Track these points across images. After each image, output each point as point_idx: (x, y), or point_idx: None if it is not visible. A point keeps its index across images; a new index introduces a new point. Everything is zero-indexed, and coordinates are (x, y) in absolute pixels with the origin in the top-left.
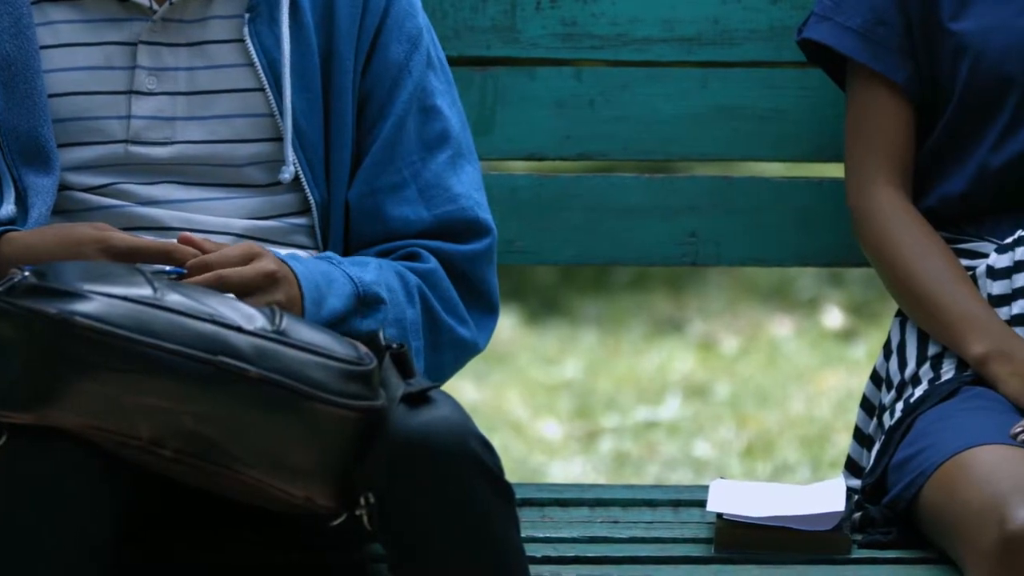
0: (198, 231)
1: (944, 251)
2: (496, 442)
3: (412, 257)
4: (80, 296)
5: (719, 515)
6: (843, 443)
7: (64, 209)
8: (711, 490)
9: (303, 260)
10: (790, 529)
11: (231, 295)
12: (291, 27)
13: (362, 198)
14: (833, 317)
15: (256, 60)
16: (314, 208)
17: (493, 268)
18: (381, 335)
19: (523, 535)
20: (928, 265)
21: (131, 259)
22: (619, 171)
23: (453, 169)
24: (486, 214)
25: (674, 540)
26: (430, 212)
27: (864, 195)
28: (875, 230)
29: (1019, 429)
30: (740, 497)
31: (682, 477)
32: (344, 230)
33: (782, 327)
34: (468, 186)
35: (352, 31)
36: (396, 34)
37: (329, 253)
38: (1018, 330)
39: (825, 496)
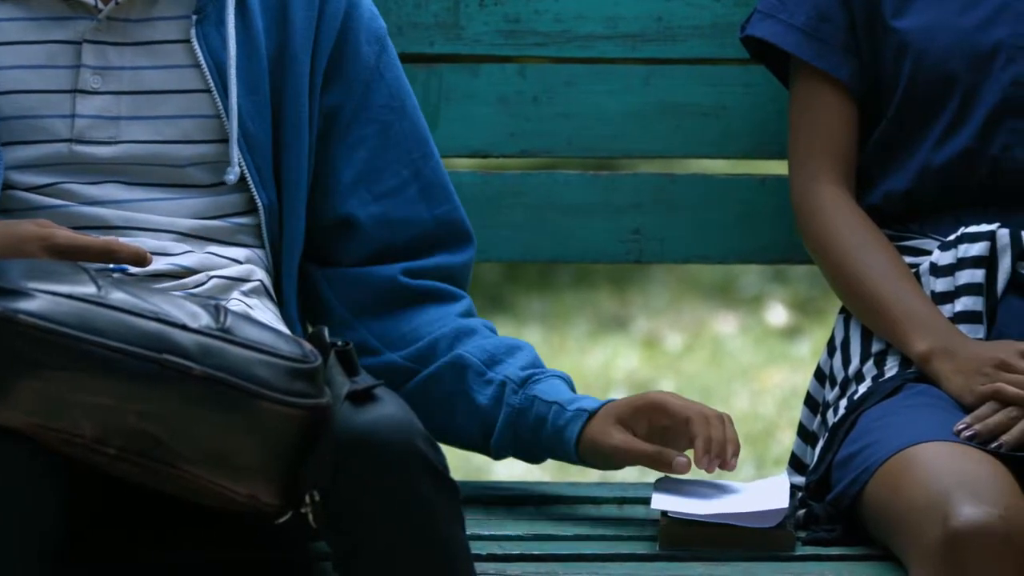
0: (143, 230)
1: (887, 248)
2: None
3: (443, 296)
4: (24, 294)
5: (664, 513)
6: (787, 440)
7: (7, 208)
8: (655, 488)
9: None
10: (735, 526)
11: (178, 292)
12: (239, 29)
13: (366, 206)
14: (777, 314)
15: (202, 61)
16: (261, 209)
17: None
18: (325, 332)
19: (468, 533)
20: (871, 262)
21: (75, 257)
22: (563, 168)
23: (441, 167)
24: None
25: (619, 537)
26: (430, 212)
27: (807, 192)
28: (818, 227)
29: (963, 426)
30: (684, 494)
31: (627, 474)
32: (306, 237)
33: (726, 324)
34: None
35: (308, 34)
36: (365, 36)
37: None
38: (961, 327)
39: (769, 493)
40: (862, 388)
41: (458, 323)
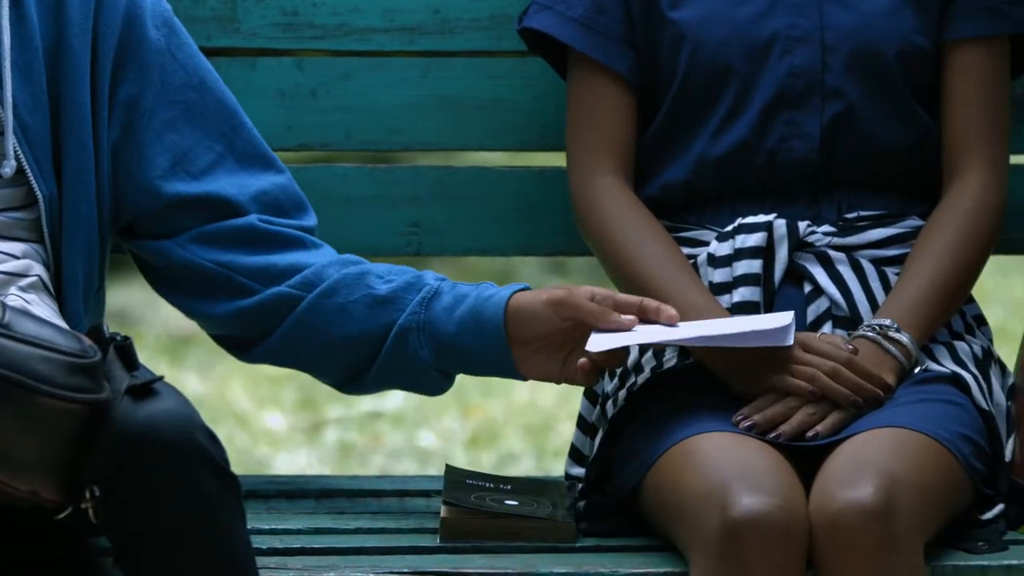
0: None
1: (666, 239)
2: (221, 434)
3: (309, 243)
4: None
5: (446, 502)
6: (567, 432)
7: None
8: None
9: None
10: (515, 517)
11: None
12: (13, 21)
13: (190, 186)
14: None
15: None
16: (41, 202)
17: None
18: (105, 327)
19: (249, 527)
20: (650, 253)
21: None
22: (341, 161)
23: (257, 136)
24: None
25: (400, 530)
26: (257, 181)
27: (585, 184)
28: (597, 219)
29: (741, 416)
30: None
31: (407, 467)
32: (141, 224)
33: None
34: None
35: (85, 25)
36: (151, 21)
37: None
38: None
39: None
40: (641, 379)
41: (343, 256)
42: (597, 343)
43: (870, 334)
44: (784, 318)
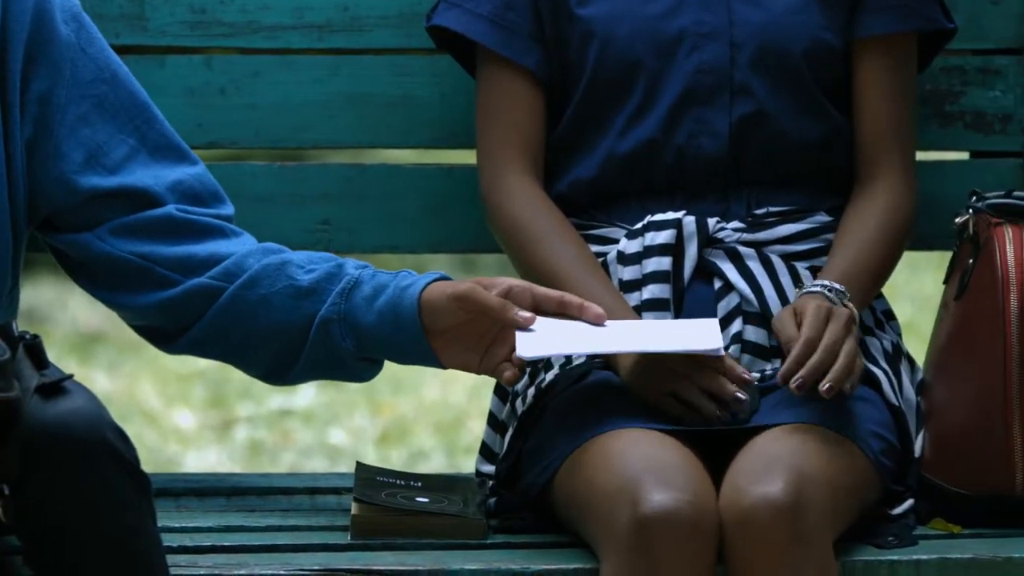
0: None
1: (574, 237)
2: (130, 432)
3: (228, 232)
4: None
5: (357, 494)
6: (477, 429)
7: None
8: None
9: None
10: (426, 514)
11: None
12: None
13: (106, 179)
14: None
15: None
16: None
17: None
18: (14, 326)
19: (159, 525)
20: (558, 251)
21: None
22: (251, 159)
23: (169, 129)
24: None
25: (311, 528)
26: (172, 173)
27: (495, 182)
28: (506, 217)
29: (798, 380)
30: (555, 334)
31: (317, 465)
32: (12, 221)
33: None
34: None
35: None
36: (60, 16)
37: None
38: (648, 314)
39: (696, 330)
40: (550, 376)
41: (263, 244)
42: (527, 348)
43: (818, 289)
44: (713, 337)
